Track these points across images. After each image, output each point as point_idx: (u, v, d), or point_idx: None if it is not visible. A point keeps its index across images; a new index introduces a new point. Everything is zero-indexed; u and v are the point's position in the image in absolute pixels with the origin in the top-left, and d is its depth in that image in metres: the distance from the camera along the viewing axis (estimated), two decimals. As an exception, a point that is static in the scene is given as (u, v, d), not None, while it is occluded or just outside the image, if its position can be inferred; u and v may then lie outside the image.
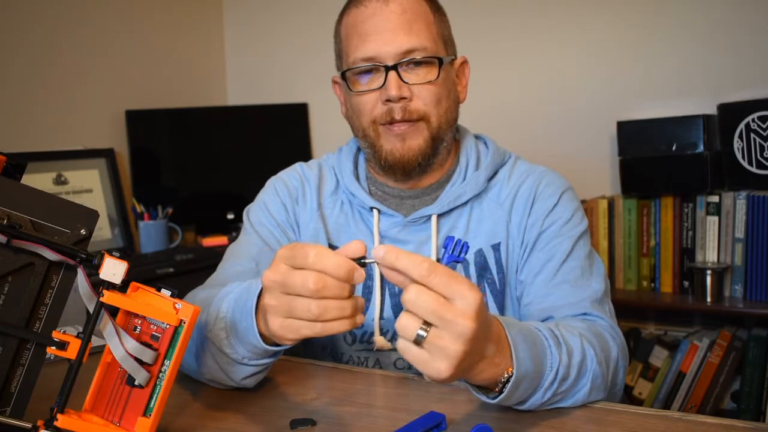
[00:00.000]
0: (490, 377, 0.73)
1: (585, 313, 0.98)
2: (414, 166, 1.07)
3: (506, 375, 0.74)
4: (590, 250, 1.08)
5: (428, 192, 1.12)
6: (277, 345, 0.80)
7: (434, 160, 1.09)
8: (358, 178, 1.15)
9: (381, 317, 1.09)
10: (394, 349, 1.08)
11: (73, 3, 2.29)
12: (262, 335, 0.78)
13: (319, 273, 0.68)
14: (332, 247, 1.12)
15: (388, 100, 1.03)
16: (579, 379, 0.83)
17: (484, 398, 0.76)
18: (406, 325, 0.64)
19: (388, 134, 1.05)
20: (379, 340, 1.08)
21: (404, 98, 1.03)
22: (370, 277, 1.10)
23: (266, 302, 0.72)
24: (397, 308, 1.09)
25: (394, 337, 1.08)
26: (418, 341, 0.64)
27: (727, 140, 1.92)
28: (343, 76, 1.08)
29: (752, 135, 1.88)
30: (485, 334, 0.69)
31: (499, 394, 0.75)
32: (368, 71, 1.05)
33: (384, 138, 1.06)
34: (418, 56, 1.03)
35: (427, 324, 0.64)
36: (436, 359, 0.64)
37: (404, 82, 1.03)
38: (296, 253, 0.69)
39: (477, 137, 1.18)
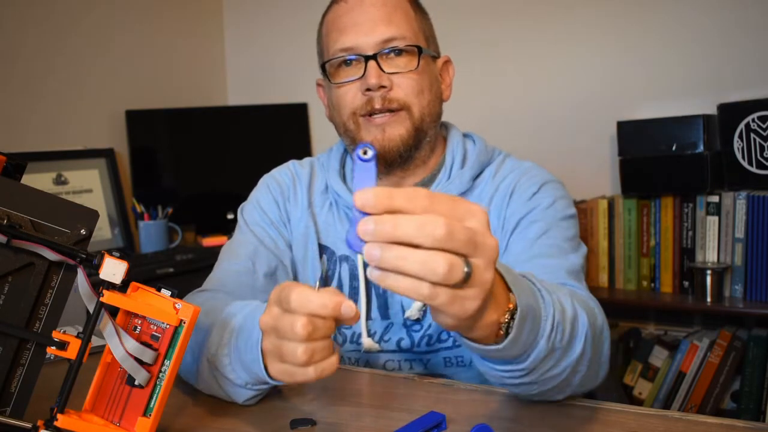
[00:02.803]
0: (492, 320, 0.63)
1: (563, 284, 0.89)
2: (395, 157, 1.05)
3: (507, 314, 0.64)
4: (574, 235, 1.03)
5: None
6: None
7: (416, 154, 1.08)
8: (344, 178, 1.14)
9: (368, 317, 1.08)
10: (383, 351, 1.08)
11: (73, 3, 2.29)
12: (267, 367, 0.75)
13: (308, 316, 0.64)
14: (322, 246, 1.12)
15: (368, 90, 1.02)
16: (573, 338, 0.74)
17: (488, 348, 0.65)
18: (454, 264, 0.53)
19: (368, 125, 1.04)
20: (367, 342, 1.07)
21: (384, 87, 1.02)
22: (354, 277, 1.09)
23: (264, 346, 0.71)
24: (383, 309, 1.08)
25: (381, 339, 1.07)
26: (465, 280, 0.54)
27: (727, 140, 1.92)
28: (323, 70, 1.08)
29: (752, 135, 1.88)
30: None
31: (505, 338, 0.65)
32: (348, 64, 1.05)
33: (365, 129, 1.05)
34: (397, 45, 1.02)
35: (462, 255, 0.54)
36: (474, 294, 0.56)
37: (384, 71, 1.02)
38: (281, 297, 0.67)
39: (465, 135, 1.16)
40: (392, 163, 1.06)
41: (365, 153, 0.56)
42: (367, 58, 1.02)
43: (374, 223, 0.52)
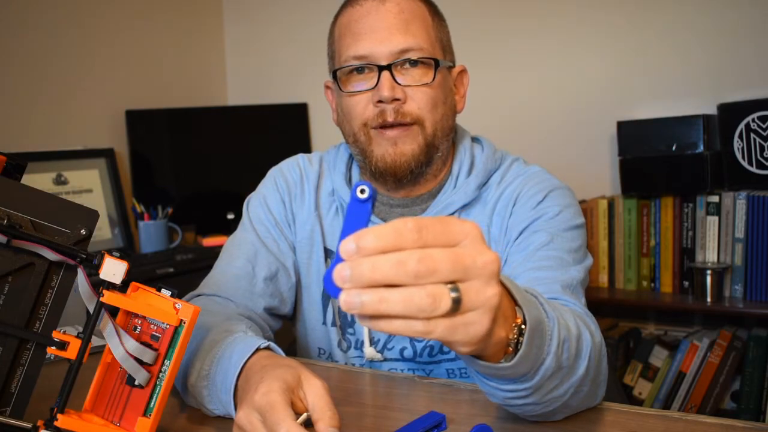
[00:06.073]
0: (501, 337, 0.60)
1: (555, 298, 0.87)
2: (406, 174, 1.01)
3: (515, 330, 0.61)
4: (579, 246, 0.99)
5: (418, 202, 1.07)
6: None
7: (428, 169, 1.04)
8: (350, 181, 1.11)
9: None
10: (386, 360, 1.07)
11: (73, 3, 2.29)
12: None
13: None
14: (327, 250, 1.10)
15: (380, 101, 0.98)
16: (578, 357, 0.72)
17: (498, 366, 0.62)
18: (436, 294, 0.48)
19: (379, 138, 1.01)
20: (369, 352, 1.06)
21: (397, 99, 0.98)
22: None
23: (236, 422, 0.72)
24: None
25: (385, 346, 1.06)
26: (456, 307, 0.50)
27: (727, 140, 1.92)
28: (335, 76, 1.04)
29: (752, 135, 1.89)
30: None
31: (514, 355, 0.62)
32: (360, 72, 1.01)
33: (375, 142, 1.01)
34: (413, 56, 0.98)
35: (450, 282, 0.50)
36: (478, 316, 0.51)
37: (397, 83, 0.98)
38: (268, 419, 0.67)
39: (474, 139, 1.12)
40: (402, 179, 1.03)
41: (362, 192, 0.51)
42: (380, 68, 0.98)
43: (350, 268, 0.48)
